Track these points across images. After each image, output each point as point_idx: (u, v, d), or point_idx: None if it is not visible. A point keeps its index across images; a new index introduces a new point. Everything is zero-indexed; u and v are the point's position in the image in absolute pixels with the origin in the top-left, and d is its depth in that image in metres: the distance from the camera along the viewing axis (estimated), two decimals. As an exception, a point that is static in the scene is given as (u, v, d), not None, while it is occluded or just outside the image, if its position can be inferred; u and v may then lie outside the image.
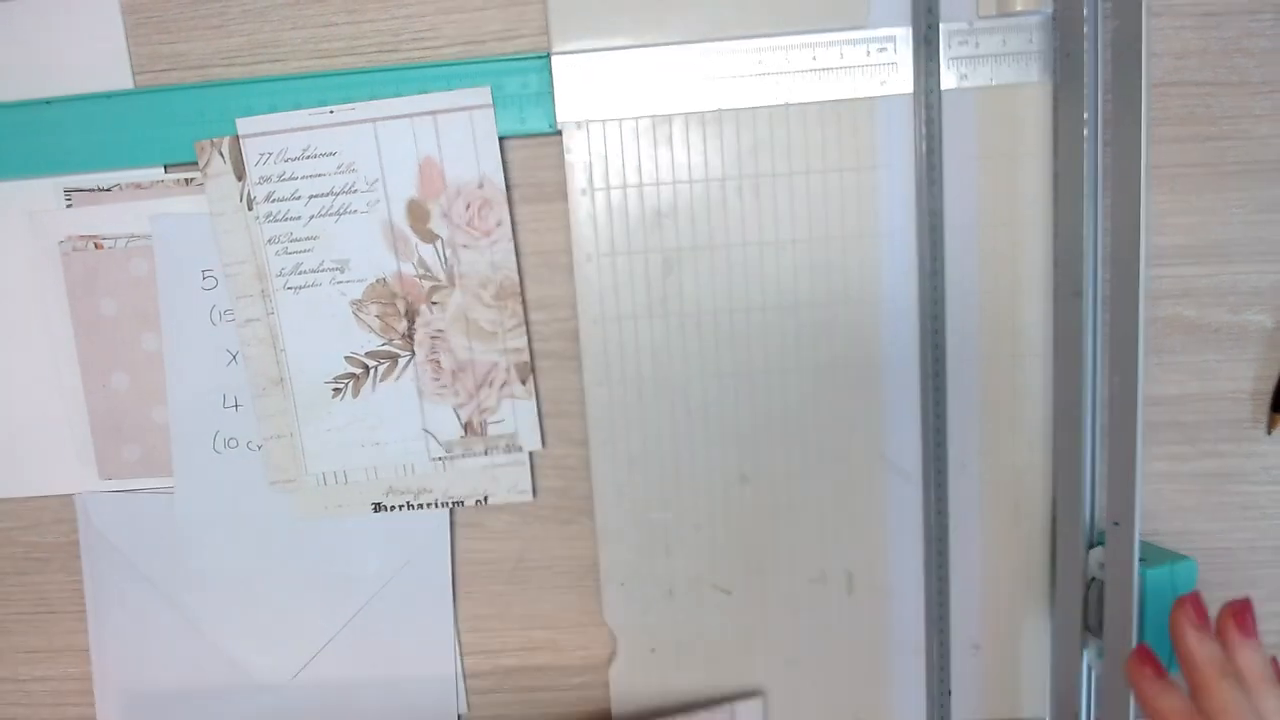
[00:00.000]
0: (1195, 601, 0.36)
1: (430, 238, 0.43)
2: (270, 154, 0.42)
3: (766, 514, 0.44)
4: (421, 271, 0.43)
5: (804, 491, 0.44)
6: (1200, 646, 0.35)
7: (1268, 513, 0.45)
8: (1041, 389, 0.43)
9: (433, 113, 0.42)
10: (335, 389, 0.44)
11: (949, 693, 0.45)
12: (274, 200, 0.43)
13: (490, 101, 0.42)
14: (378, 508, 0.45)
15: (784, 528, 0.44)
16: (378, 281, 0.43)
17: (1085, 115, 0.39)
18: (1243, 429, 0.44)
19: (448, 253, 0.43)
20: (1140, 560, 0.39)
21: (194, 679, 0.47)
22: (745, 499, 0.44)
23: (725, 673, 0.45)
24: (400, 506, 0.45)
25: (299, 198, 0.43)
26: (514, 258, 0.43)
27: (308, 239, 0.43)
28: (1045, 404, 0.43)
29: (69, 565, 0.47)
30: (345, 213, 0.43)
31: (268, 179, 0.43)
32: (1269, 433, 0.44)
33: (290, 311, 0.44)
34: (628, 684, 0.45)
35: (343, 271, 0.43)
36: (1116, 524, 0.39)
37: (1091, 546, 0.42)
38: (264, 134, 0.42)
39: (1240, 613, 0.36)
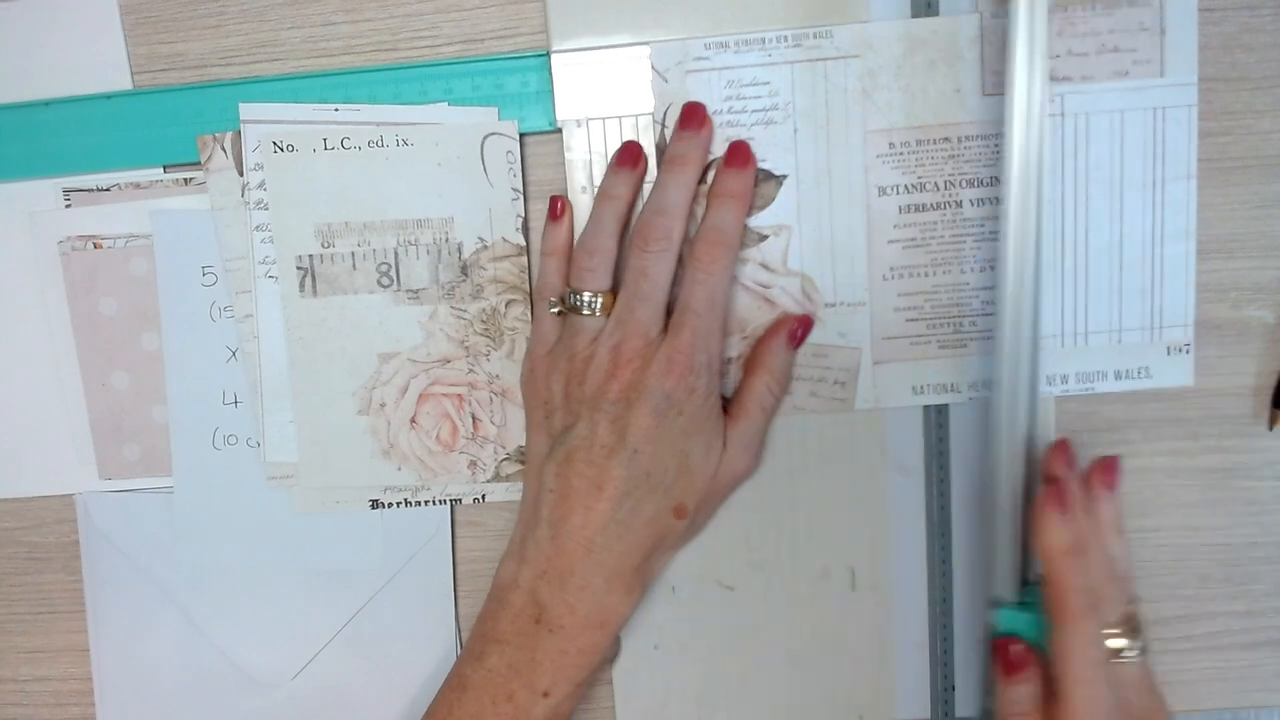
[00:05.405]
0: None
1: None
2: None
3: (769, 510, 0.44)
4: None
5: (806, 487, 0.44)
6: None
7: (1269, 508, 0.44)
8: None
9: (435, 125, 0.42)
10: None
11: (953, 688, 0.45)
12: (266, 188, 0.43)
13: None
14: (375, 504, 0.45)
15: (787, 524, 0.44)
16: None
17: (1085, 110, 0.39)
18: (1244, 425, 0.44)
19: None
20: None
21: (194, 679, 0.47)
22: (747, 495, 0.44)
23: (729, 669, 0.45)
24: (398, 503, 0.45)
25: None
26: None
27: None
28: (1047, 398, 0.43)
29: (69, 565, 0.47)
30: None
31: (261, 166, 0.43)
32: (1270, 428, 0.44)
33: (269, 299, 0.44)
34: (631, 681, 0.45)
35: None
36: (1119, 519, 0.39)
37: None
38: (265, 122, 0.42)
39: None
